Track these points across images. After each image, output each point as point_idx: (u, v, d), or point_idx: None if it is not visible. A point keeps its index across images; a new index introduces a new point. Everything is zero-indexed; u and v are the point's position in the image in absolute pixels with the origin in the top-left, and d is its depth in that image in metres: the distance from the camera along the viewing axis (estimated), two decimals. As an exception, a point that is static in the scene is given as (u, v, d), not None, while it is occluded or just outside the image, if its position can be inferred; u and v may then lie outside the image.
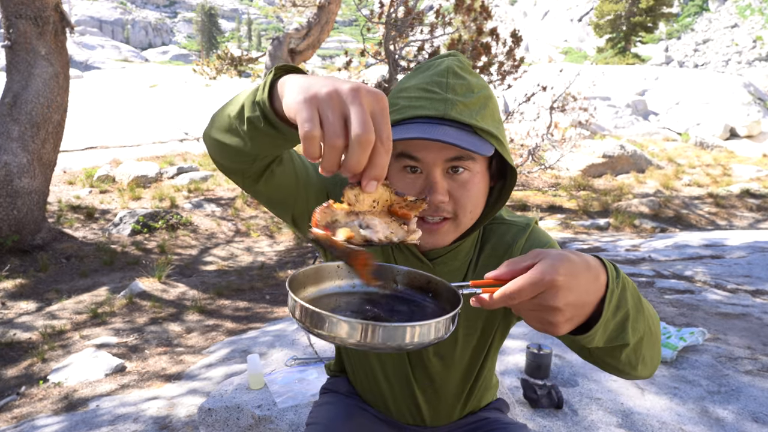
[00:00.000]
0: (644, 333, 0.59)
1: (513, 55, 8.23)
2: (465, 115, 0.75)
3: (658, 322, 0.64)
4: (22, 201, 5.63)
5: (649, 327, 0.60)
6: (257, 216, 7.77)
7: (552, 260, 0.51)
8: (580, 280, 0.52)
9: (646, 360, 0.62)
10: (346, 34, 70.11)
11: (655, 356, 0.63)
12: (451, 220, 0.80)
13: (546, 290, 0.51)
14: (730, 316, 2.98)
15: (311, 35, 8.91)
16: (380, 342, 0.52)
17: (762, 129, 13.94)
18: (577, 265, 0.52)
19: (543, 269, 0.51)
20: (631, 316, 0.57)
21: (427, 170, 0.78)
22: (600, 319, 0.54)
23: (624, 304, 0.56)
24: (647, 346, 0.61)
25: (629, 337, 0.57)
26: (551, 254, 0.53)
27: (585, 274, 0.52)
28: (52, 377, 3.10)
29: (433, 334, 0.53)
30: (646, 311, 0.60)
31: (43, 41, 5.67)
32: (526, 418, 1.77)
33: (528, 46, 54.44)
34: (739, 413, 1.82)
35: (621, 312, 0.56)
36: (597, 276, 0.53)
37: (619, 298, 0.55)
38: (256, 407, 1.80)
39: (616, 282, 0.54)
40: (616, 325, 0.56)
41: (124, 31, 63.19)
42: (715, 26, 49.75)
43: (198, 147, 12.44)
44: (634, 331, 0.57)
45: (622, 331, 0.57)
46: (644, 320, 0.59)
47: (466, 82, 0.77)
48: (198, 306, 4.28)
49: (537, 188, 10.14)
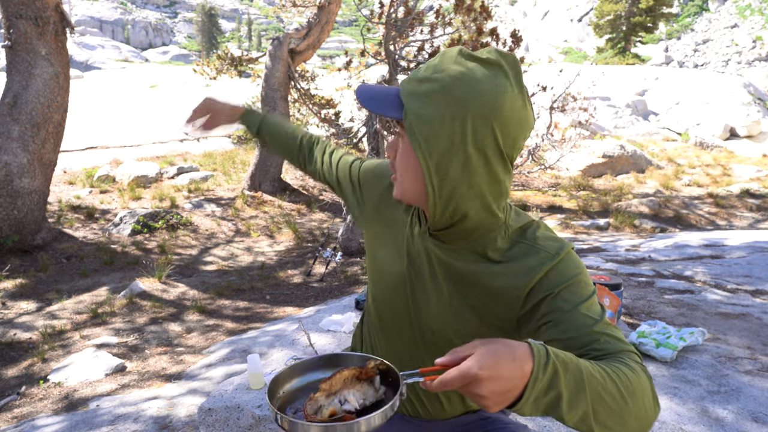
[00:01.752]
0: (589, 408, 0.64)
1: (513, 55, 8.22)
2: (405, 87, 0.79)
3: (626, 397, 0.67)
4: (23, 201, 5.63)
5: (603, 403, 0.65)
6: (257, 216, 7.77)
7: (480, 356, 0.60)
8: (502, 372, 0.60)
9: (606, 426, 0.67)
10: (346, 34, 70.11)
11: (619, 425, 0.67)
12: (396, 179, 0.86)
13: (471, 382, 0.60)
14: (729, 316, 2.98)
15: (311, 35, 8.91)
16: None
17: (762, 129, 13.94)
18: (501, 359, 0.60)
19: (470, 365, 0.60)
20: (565, 396, 0.63)
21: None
22: (521, 400, 0.61)
23: (555, 387, 0.62)
24: (603, 417, 0.66)
25: (563, 413, 0.64)
26: (483, 350, 0.61)
27: (508, 366, 0.60)
28: (52, 377, 3.10)
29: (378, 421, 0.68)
30: (594, 392, 0.65)
31: (44, 41, 5.67)
32: (526, 418, 1.77)
33: (528, 46, 54.43)
34: (739, 413, 1.83)
35: (551, 393, 0.63)
36: (521, 367, 0.61)
37: (548, 383, 0.62)
38: (256, 407, 1.80)
39: (544, 371, 0.62)
40: (549, 403, 0.63)
41: (125, 32, 63.20)
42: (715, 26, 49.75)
43: (198, 147, 12.44)
44: (571, 408, 0.64)
45: (556, 408, 0.64)
46: (587, 399, 0.64)
47: (434, 64, 0.78)
48: (198, 306, 4.29)
49: (537, 188, 10.14)
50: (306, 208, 8.33)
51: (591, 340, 0.75)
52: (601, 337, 0.76)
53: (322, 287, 4.89)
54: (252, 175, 8.87)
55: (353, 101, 10.36)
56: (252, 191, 8.75)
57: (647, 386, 0.70)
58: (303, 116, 11.64)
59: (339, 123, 9.68)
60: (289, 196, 8.83)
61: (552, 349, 0.64)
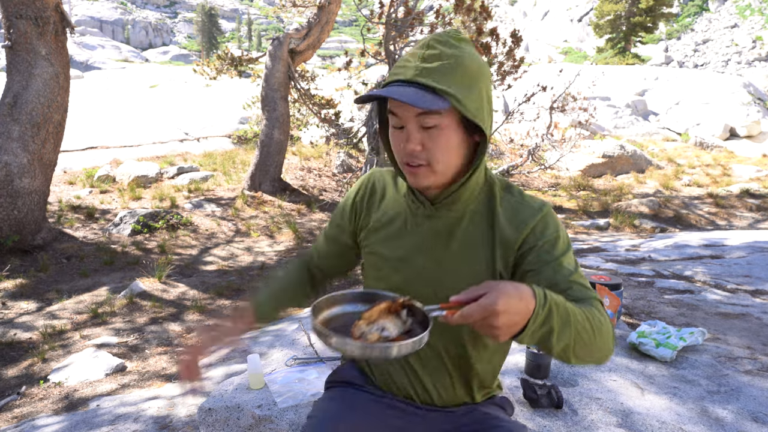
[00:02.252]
0: (571, 341, 0.81)
1: (513, 55, 8.23)
2: (429, 78, 0.89)
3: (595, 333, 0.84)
4: (23, 201, 5.63)
5: (579, 337, 0.81)
6: (257, 216, 7.78)
7: (495, 294, 0.72)
8: (511, 308, 0.72)
9: (579, 357, 0.84)
10: (346, 35, 70.09)
11: (587, 355, 0.85)
12: (425, 167, 0.95)
13: (490, 315, 0.72)
14: (729, 316, 2.99)
15: (311, 35, 8.91)
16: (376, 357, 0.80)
17: (762, 129, 13.94)
18: (512, 297, 0.73)
19: (490, 300, 0.72)
20: (556, 330, 0.78)
21: (405, 124, 0.94)
22: (524, 332, 0.76)
23: (549, 322, 0.77)
24: (578, 349, 0.82)
25: (554, 344, 0.79)
26: (496, 288, 0.74)
27: (517, 303, 0.73)
28: (52, 377, 3.10)
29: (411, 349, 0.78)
30: (575, 328, 0.81)
31: (44, 41, 5.67)
32: (525, 418, 1.78)
33: (528, 46, 54.43)
34: (739, 413, 1.83)
35: (545, 327, 0.77)
36: (527, 305, 0.74)
37: (544, 318, 0.76)
38: (256, 407, 1.80)
39: (543, 308, 0.76)
40: (543, 335, 0.78)
41: (125, 32, 63.18)
42: (714, 26, 49.74)
43: (198, 147, 12.45)
44: (559, 340, 0.79)
45: (548, 339, 0.79)
46: (570, 333, 0.80)
47: (436, 52, 0.91)
48: (198, 306, 4.29)
49: (537, 188, 10.14)
50: (306, 208, 8.34)
51: (567, 288, 0.91)
52: (575, 285, 0.92)
53: (322, 287, 4.89)
54: (252, 175, 8.87)
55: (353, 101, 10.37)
56: (252, 191, 8.75)
57: (610, 329, 0.87)
58: (303, 116, 11.65)
59: (339, 123, 9.69)
60: (289, 196, 8.83)
61: (548, 291, 0.79)
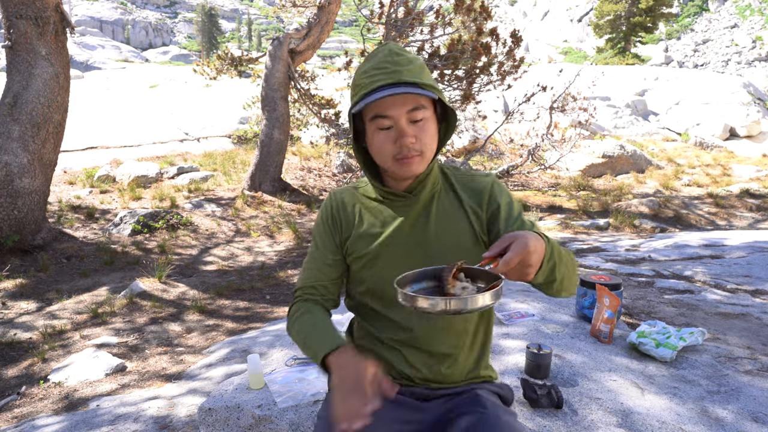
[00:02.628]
0: (565, 272, 0.99)
1: (513, 55, 8.23)
2: (411, 77, 1.04)
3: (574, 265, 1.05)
4: (23, 201, 5.63)
5: (567, 269, 1.00)
6: (257, 216, 7.78)
7: (523, 238, 0.86)
8: (538, 246, 0.87)
9: (568, 289, 1.03)
10: (346, 35, 70.06)
11: (572, 286, 1.05)
12: (419, 156, 1.09)
13: (525, 256, 0.85)
14: (729, 316, 2.99)
15: (311, 35, 8.91)
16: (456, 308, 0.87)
17: (762, 129, 13.94)
18: (533, 239, 0.87)
19: (521, 244, 0.85)
20: (557, 263, 0.95)
21: (396, 123, 1.06)
22: (542, 266, 0.91)
23: (553, 257, 0.94)
24: (566, 281, 1.01)
25: (557, 276, 0.96)
26: (520, 235, 0.87)
27: (538, 242, 0.88)
28: (52, 377, 3.10)
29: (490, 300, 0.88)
30: (565, 260, 0.99)
31: (44, 41, 5.67)
32: (525, 418, 1.77)
33: (528, 47, 54.42)
34: (739, 413, 1.83)
35: (552, 260, 0.94)
36: (542, 243, 0.90)
37: (551, 253, 0.93)
38: (256, 407, 1.80)
39: (549, 245, 0.93)
40: (551, 268, 0.94)
41: (125, 32, 63.16)
42: (714, 26, 49.72)
43: (198, 147, 12.45)
44: (558, 271, 0.96)
45: (554, 272, 0.95)
46: (564, 266, 0.99)
47: (405, 57, 1.07)
48: (198, 306, 4.29)
49: (537, 188, 10.14)
50: (306, 208, 8.34)
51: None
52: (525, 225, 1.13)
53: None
54: (252, 175, 8.87)
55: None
56: (252, 191, 8.75)
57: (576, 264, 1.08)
58: (303, 116, 11.65)
59: (339, 123, 9.69)
60: (289, 196, 8.83)
61: (547, 234, 0.97)
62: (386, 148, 1.07)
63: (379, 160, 1.11)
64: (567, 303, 3.11)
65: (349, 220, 1.21)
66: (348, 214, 1.21)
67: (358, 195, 1.23)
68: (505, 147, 12.63)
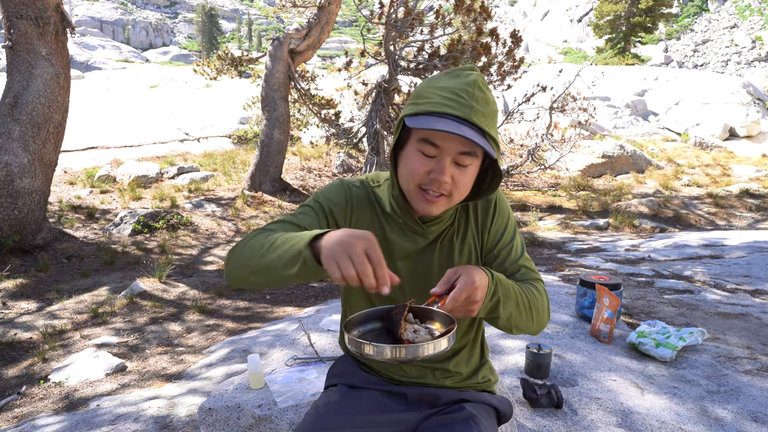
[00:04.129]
0: (513, 311, 0.98)
1: (513, 55, 8.24)
2: (482, 122, 0.96)
3: (535, 306, 1.04)
4: (23, 201, 5.64)
5: (518, 308, 1.00)
6: (257, 216, 7.78)
7: (468, 274, 0.89)
8: (483, 282, 0.90)
9: (518, 327, 1.03)
10: (346, 35, 70.07)
11: (526, 326, 1.04)
12: (446, 197, 1.03)
13: (472, 292, 0.88)
14: (729, 316, 2.99)
15: (311, 36, 8.91)
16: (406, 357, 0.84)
17: (761, 129, 13.94)
18: (479, 274, 0.90)
19: (467, 280, 0.88)
20: (501, 300, 0.95)
21: (440, 156, 0.99)
22: (483, 303, 0.92)
23: (497, 293, 0.94)
24: (517, 320, 1.01)
25: (500, 312, 0.97)
26: (463, 270, 0.90)
27: (483, 278, 0.90)
28: (52, 377, 3.11)
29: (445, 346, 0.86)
30: (514, 300, 0.98)
31: (44, 42, 5.67)
32: (525, 417, 1.78)
33: (528, 47, 54.42)
34: (739, 413, 1.83)
35: (495, 297, 0.94)
36: (486, 279, 0.92)
37: (494, 289, 0.94)
38: (256, 407, 1.80)
39: (492, 282, 0.94)
40: (493, 305, 0.95)
41: (125, 32, 63.15)
42: (714, 27, 49.72)
43: (198, 147, 12.45)
44: (504, 310, 0.97)
45: (496, 309, 0.96)
46: (512, 304, 0.98)
47: (485, 96, 0.99)
48: (198, 306, 4.29)
49: (537, 188, 10.14)
50: (306, 208, 8.33)
51: (515, 271, 1.12)
52: (522, 268, 1.12)
53: (322, 287, 4.89)
54: (252, 175, 8.87)
55: (353, 101, 10.36)
56: (252, 191, 8.75)
57: (546, 304, 1.08)
58: (303, 116, 11.65)
59: (339, 123, 9.70)
60: (289, 196, 8.83)
61: (492, 270, 0.98)
62: (418, 172, 0.99)
63: (404, 179, 1.03)
64: (567, 303, 3.12)
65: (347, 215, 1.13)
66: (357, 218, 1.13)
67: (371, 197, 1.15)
68: (505, 147, 12.63)
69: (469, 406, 1.12)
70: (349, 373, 1.24)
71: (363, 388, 1.19)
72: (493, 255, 1.13)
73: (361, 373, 1.22)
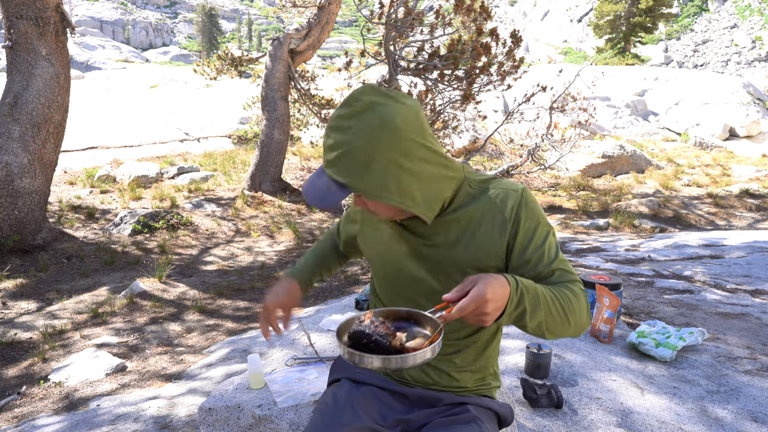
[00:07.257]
0: (543, 319, 0.94)
1: (513, 55, 8.24)
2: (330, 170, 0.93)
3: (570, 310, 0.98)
4: (23, 201, 5.64)
5: (551, 315, 0.95)
6: (257, 216, 7.78)
7: (482, 284, 0.85)
8: (497, 295, 0.86)
9: (552, 332, 0.98)
10: (346, 35, 70.06)
11: (561, 331, 0.99)
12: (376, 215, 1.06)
13: (481, 304, 0.84)
14: (729, 316, 2.99)
15: (311, 36, 8.91)
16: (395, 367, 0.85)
17: (761, 129, 13.94)
18: (496, 287, 0.86)
19: (478, 292, 0.84)
20: (528, 310, 0.91)
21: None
22: (504, 314, 0.89)
23: (522, 303, 0.90)
24: (551, 325, 0.96)
25: (527, 321, 0.93)
26: (480, 279, 0.86)
27: (499, 290, 0.86)
28: (52, 377, 3.10)
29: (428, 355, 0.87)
30: (545, 307, 0.94)
31: (44, 42, 5.67)
32: (525, 417, 1.78)
33: (528, 47, 54.41)
34: (739, 413, 1.83)
35: (520, 308, 0.90)
36: (505, 291, 0.87)
37: (518, 301, 0.90)
38: (256, 407, 1.80)
39: (516, 292, 0.89)
40: (518, 314, 0.91)
41: (125, 32, 63.14)
42: (714, 27, 49.71)
43: (198, 147, 12.45)
44: (531, 318, 0.92)
45: (522, 318, 0.92)
46: (543, 312, 0.93)
47: (332, 142, 0.92)
48: (198, 306, 4.29)
49: (537, 188, 10.14)
50: (306, 208, 8.34)
51: (550, 274, 1.03)
52: (557, 271, 1.04)
53: (322, 287, 4.89)
54: (252, 175, 8.87)
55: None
56: (252, 191, 8.75)
57: (584, 306, 1.01)
58: (303, 116, 11.65)
59: (339, 123, 9.67)
60: (289, 196, 8.83)
61: (518, 277, 0.92)
62: None
63: None
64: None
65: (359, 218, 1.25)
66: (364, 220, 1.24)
67: None
68: (505, 147, 12.64)
69: (472, 409, 1.13)
70: (352, 367, 1.26)
71: (366, 384, 1.21)
72: (524, 260, 1.04)
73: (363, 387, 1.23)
